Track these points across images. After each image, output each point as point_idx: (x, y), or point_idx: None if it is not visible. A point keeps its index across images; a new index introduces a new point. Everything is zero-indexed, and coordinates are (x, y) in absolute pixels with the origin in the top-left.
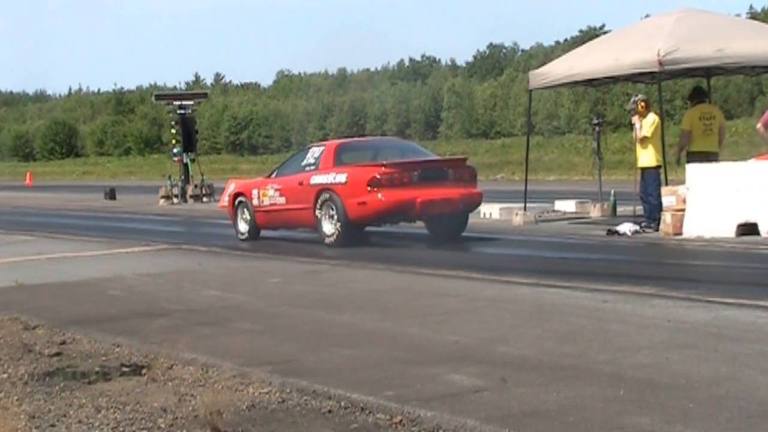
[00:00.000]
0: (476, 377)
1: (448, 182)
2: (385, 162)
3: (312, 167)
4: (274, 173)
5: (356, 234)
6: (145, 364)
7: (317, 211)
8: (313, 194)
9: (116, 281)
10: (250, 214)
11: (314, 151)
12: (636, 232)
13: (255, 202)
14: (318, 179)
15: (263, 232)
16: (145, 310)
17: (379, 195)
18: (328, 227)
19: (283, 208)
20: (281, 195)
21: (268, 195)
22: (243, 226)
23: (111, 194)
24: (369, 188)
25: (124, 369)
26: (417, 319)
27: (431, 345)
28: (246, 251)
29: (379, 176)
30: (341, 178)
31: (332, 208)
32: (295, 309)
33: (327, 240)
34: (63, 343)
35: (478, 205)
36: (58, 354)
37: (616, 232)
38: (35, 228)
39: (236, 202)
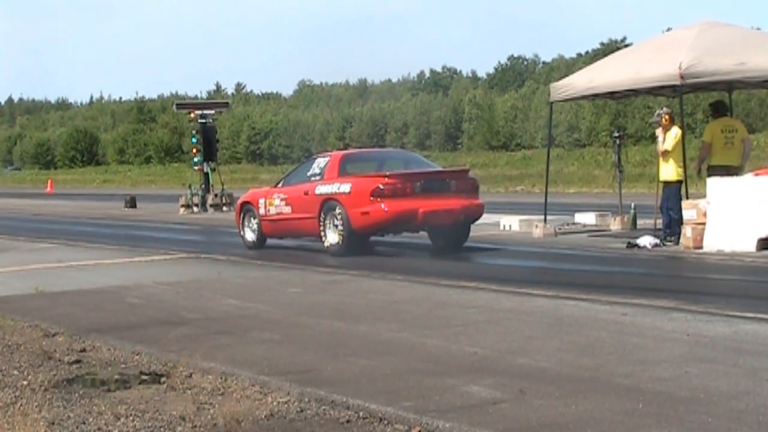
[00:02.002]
0: (494, 389)
1: (450, 193)
2: (388, 173)
3: (317, 177)
4: (281, 183)
5: (360, 243)
6: (164, 372)
7: (322, 221)
8: (318, 204)
9: (136, 289)
10: (256, 223)
11: (320, 162)
12: (656, 245)
13: (261, 210)
14: (323, 189)
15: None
16: (165, 318)
17: (382, 205)
18: (332, 236)
19: (289, 217)
20: (287, 204)
21: (275, 204)
22: (250, 235)
23: (131, 203)
24: (372, 198)
25: (144, 377)
26: (435, 330)
27: (449, 356)
28: (265, 261)
29: (382, 187)
30: (345, 188)
31: (336, 218)
32: (314, 319)
33: (331, 249)
34: (83, 350)
35: (480, 216)
36: (77, 361)
37: (636, 245)
38: (55, 236)
39: (243, 211)
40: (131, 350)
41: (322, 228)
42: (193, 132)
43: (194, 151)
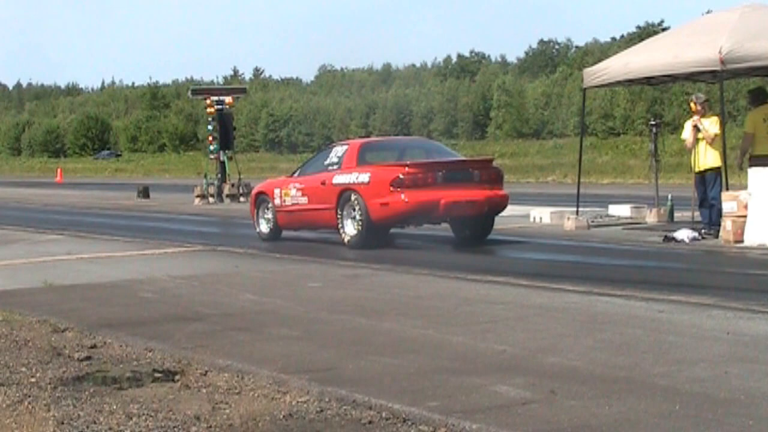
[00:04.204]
0: (524, 389)
1: (473, 183)
2: (408, 162)
3: (335, 166)
4: (297, 172)
5: (379, 236)
6: (178, 370)
7: (339, 212)
8: (335, 194)
9: (149, 283)
10: (271, 214)
11: (337, 150)
12: (694, 239)
13: (277, 201)
14: (341, 179)
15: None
16: (179, 313)
17: (402, 196)
18: (350, 228)
19: (305, 208)
20: (303, 195)
21: (290, 194)
22: (264, 226)
23: (144, 193)
24: (392, 188)
25: (157, 375)
26: (462, 327)
27: (477, 354)
28: (284, 254)
29: (402, 176)
30: (364, 177)
31: (354, 209)
32: (335, 315)
33: (348, 241)
34: (93, 346)
35: (504, 207)
36: (88, 358)
37: (673, 239)
38: (65, 227)
39: (258, 202)
40: (144, 347)
41: (339, 219)
42: (209, 119)
43: (210, 138)
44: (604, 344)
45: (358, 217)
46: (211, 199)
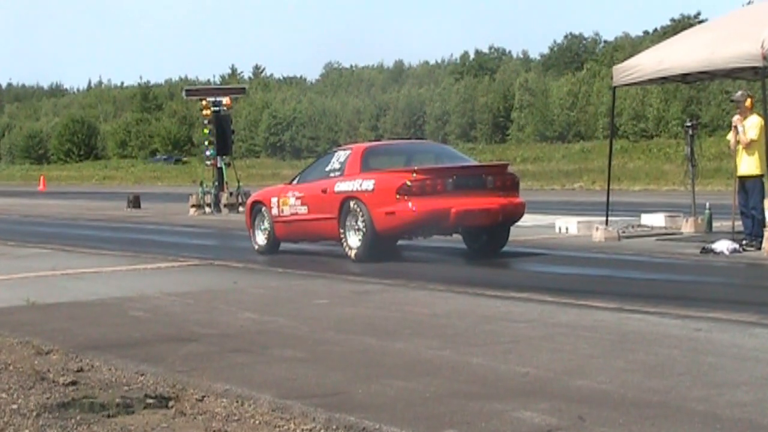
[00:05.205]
0: (549, 414)
1: (487, 191)
2: (416, 168)
3: (337, 173)
4: (296, 179)
5: (385, 248)
6: (172, 395)
7: (342, 222)
8: (337, 203)
9: (140, 301)
10: (269, 225)
11: (340, 155)
12: (735, 250)
13: (274, 211)
14: (343, 186)
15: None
16: (173, 334)
17: (410, 204)
18: (354, 240)
19: (305, 218)
20: (303, 203)
21: (289, 203)
22: (261, 238)
23: (135, 202)
24: (398, 197)
25: (149, 401)
26: (481, 348)
27: (497, 377)
28: (287, 268)
29: (409, 183)
30: (368, 185)
31: (358, 219)
32: (343, 334)
33: (352, 254)
34: (80, 370)
35: (521, 216)
36: (74, 383)
37: (712, 251)
38: (49, 240)
39: (254, 212)
40: (135, 370)
41: (342, 230)
42: (205, 122)
43: (206, 143)
44: (636, 366)
45: (361, 227)
46: (207, 209)
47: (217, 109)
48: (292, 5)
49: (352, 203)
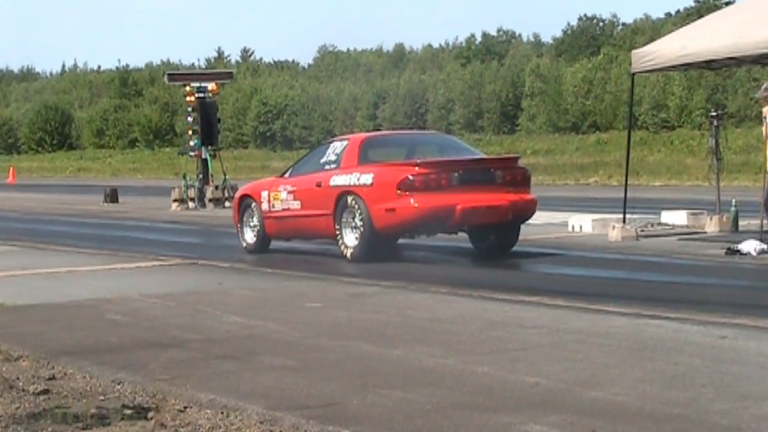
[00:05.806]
0: (560, 428)
1: (495, 186)
2: (419, 161)
3: (333, 165)
4: (289, 172)
5: (384, 247)
6: (152, 405)
7: (337, 219)
8: (332, 198)
9: (118, 303)
10: (258, 221)
11: (336, 147)
12: (763, 251)
13: (264, 206)
14: (339, 180)
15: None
16: (153, 339)
17: (412, 200)
18: (350, 238)
19: (298, 214)
20: (295, 198)
21: (280, 198)
22: (249, 235)
23: (112, 196)
24: (399, 192)
25: (127, 411)
26: (487, 356)
27: (504, 388)
28: (277, 268)
29: (411, 177)
30: (366, 179)
31: (355, 215)
32: (338, 341)
33: (348, 253)
34: (52, 378)
35: (532, 214)
36: (45, 391)
37: (738, 252)
38: (19, 236)
39: (242, 207)
40: (112, 378)
41: (337, 228)
42: (189, 109)
43: (190, 132)
44: (654, 376)
45: (359, 224)
46: (191, 204)
47: (202, 95)
48: None
49: (348, 198)
